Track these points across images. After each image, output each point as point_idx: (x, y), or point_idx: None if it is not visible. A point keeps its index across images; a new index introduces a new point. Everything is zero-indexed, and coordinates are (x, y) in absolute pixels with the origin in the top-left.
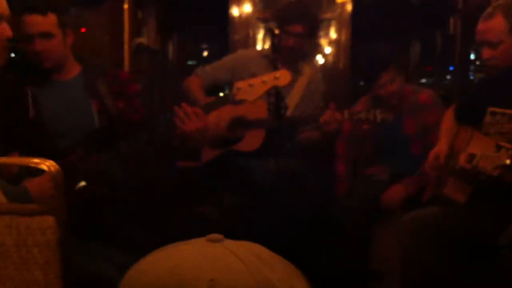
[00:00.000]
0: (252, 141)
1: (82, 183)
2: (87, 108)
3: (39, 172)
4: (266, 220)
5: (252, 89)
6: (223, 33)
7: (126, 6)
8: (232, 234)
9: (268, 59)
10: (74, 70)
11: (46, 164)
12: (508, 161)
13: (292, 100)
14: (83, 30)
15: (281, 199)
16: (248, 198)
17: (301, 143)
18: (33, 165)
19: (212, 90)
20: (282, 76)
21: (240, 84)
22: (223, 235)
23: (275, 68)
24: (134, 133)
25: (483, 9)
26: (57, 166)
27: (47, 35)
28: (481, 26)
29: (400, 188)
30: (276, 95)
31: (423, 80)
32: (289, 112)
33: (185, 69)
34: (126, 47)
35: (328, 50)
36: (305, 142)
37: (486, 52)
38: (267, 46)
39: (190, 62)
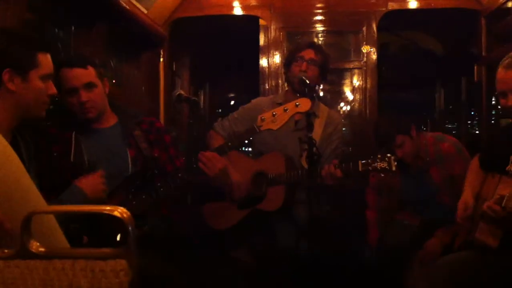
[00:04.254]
0: (274, 199)
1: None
2: (123, 156)
3: None
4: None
5: (276, 118)
6: (253, 83)
7: (162, 59)
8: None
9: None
10: (112, 119)
11: (119, 211)
12: None
13: None
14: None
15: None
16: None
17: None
18: (106, 212)
19: None
20: (302, 104)
21: (264, 115)
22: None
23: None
24: (166, 180)
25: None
26: (128, 213)
27: (90, 86)
28: (502, 75)
29: (436, 241)
30: (309, 142)
31: (449, 126)
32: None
33: (215, 117)
34: (161, 98)
35: (352, 97)
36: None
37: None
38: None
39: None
